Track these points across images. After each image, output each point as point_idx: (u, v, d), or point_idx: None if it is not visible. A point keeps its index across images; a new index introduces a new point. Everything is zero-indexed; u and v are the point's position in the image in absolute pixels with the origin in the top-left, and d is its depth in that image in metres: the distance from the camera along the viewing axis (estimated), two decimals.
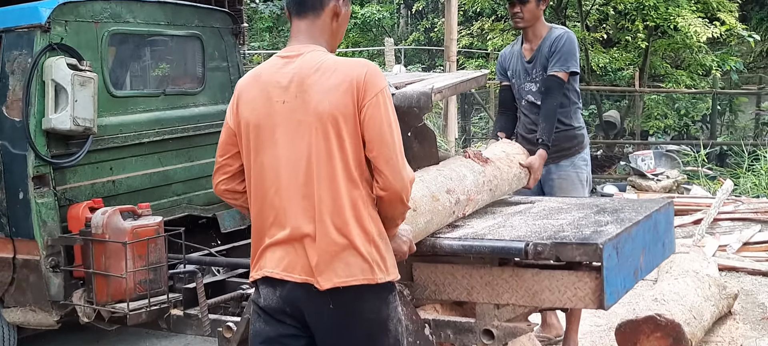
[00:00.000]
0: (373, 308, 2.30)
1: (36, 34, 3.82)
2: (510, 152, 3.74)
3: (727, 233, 6.78)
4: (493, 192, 3.50)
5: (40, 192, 3.82)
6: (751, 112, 13.92)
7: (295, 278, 2.26)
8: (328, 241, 2.24)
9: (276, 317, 2.34)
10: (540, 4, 4.01)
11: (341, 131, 2.24)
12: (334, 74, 2.25)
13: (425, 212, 2.92)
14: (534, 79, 4.05)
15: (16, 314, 4.04)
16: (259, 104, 2.33)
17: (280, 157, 2.29)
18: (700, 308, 4.32)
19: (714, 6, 13.43)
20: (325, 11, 2.37)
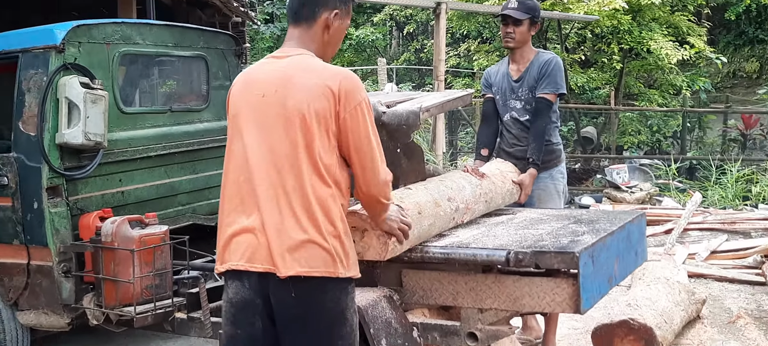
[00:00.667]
0: (333, 297, 2.29)
1: (51, 55, 3.81)
2: (504, 170, 3.86)
3: (696, 242, 6.81)
4: (488, 204, 3.58)
5: (53, 202, 3.80)
6: (719, 129, 14.00)
7: (257, 267, 2.25)
8: (293, 232, 2.23)
9: (245, 313, 2.31)
10: (531, 28, 4.04)
11: (313, 130, 2.25)
12: (315, 76, 2.28)
13: (429, 215, 2.99)
14: (520, 97, 4.07)
15: (29, 317, 4.02)
16: (242, 97, 2.37)
17: (252, 146, 2.30)
18: (670, 312, 4.34)
19: (684, 30, 13.55)
20: (318, 22, 2.40)
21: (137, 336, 4.87)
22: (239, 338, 2.34)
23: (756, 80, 18.18)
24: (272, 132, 2.27)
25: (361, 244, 2.75)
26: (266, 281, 2.26)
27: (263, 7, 22.28)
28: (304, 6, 2.39)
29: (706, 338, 4.52)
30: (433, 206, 3.06)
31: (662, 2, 12.71)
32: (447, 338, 3.02)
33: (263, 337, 2.33)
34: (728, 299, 5.43)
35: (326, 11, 2.39)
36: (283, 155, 2.25)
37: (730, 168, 10.12)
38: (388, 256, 2.77)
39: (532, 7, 4.02)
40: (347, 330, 2.33)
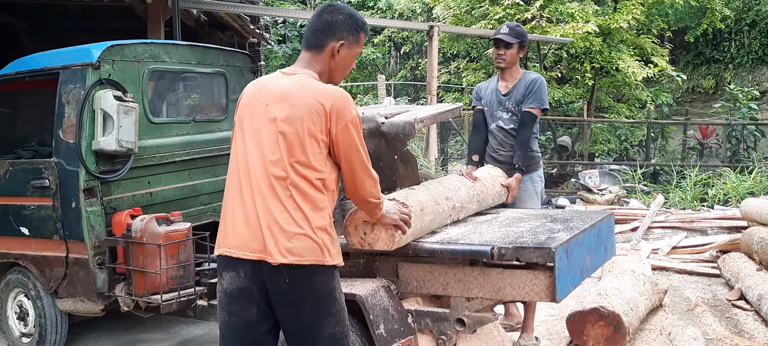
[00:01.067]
0: (322, 280, 2.29)
1: (88, 71, 3.81)
2: (493, 174, 3.90)
3: (658, 239, 6.80)
4: (480, 203, 3.63)
5: (89, 202, 3.80)
6: (679, 139, 14.00)
7: (251, 256, 2.25)
8: (286, 226, 2.23)
9: (240, 301, 2.30)
10: (519, 51, 4.11)
11: (305, 140, 2.27)
12: (309, 94, 2.30)
13: (430, 212, 3.07)
14: (507, 109, 4.12)
15: (67, 304, 4.02)
16: (249, 103, 2.39)
17: (251, 148, 2.32)
18: (636, 301, 4.32)
19: (648, 51, 13.56)
20: (325, 50, 2.42)
21: (163, 321, 4.86)
22: (234, 324, 2.33)
23: (712, 96, 18.18)
24: (269, 138, 2.30)
25: (371, 236, 2.81)
26: (260, 268, 2.26)
27: (277, 29, 22.29)
28: (314, 35, 2.43)
29: (668, 323, 4.51)
30: (434, 204, 3.12)
31: (629, 26, 12.73)
32: (438, 323, 3.02)
33: (257, 322, 2.32)
34: (687, 290, 5.42)
35: (333, 41, 2.42)
36: (277, 159, 2.27)
37: (689, 173, 10.12)
38: (395, 246, 2.79)
39: (521, 33, 4.10)
40: (337, 308, 2.34)
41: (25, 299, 4.22)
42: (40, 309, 4.09)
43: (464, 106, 15.66)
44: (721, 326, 4.53)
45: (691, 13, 15.59)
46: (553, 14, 12.89)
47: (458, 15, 14.56)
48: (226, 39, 10.16)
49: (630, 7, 12.67)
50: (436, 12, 15.67)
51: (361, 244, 2.85)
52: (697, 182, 9.84)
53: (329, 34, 2.41)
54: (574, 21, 12.31)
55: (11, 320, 4.30)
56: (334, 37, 2.41)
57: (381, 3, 20.31)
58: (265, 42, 12.47)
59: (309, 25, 2.46)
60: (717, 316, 4.74)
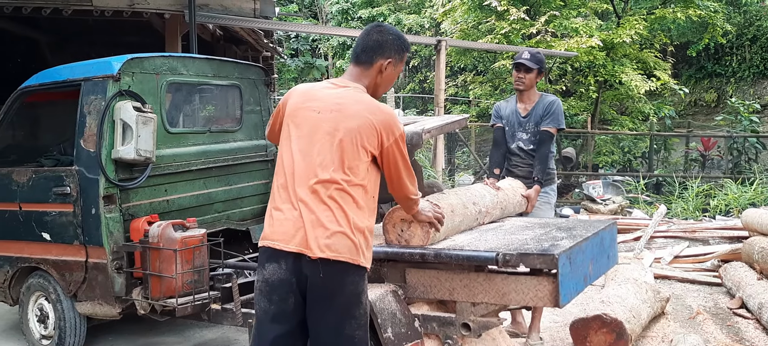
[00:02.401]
0: (353, 281, 2.40)
1: (109, 83, 3.84)
2: (514, 186, 4.05)
3: (661, 248, 6.76)
4: (503, 211, 3.77)
5: (108, 209, 3.82)
6: (682, 151, 13.94)
7: (292, 248, 2.36)
8: (328, 224, 2.36)
9: (279, 291, 2.41)
10: (538, 76, 4.26)
11: (353, 148, 2.42)
12: (363, 108, 2.47)
13: (459, 214, 3.24)
14: (526, 130, 4.29)
15: (86, 307, 4.04)
16: (300, 106, 2.52)
17: (302, 150, 2.44)
18: (638, 309, 4.31)
19: (651, 65, 13.55)
20: (374, 67, 2.59)
21: (178, 325, 4.89)
22: (271, 312, 2.43)
23: (714, 109, 18.11)
24: (321, 143, 2.44)
25: (408, 232, 3.00)
26: (300, 261, 2.37)
27: (289, 43, 22.43)
28: (364, 52, 2.59)
29: (670, 331, 4.48)
30: (463, 207, 3.29)
31: (632, 40, 12.72)
32: (444, 327, 3.03)
33: (293, 312, 2.43)
34: (689, 298, 5.39)
35: (381, 59, 2.58)
36: (328, 164, 2.41)
37: (691, 184, 10.06)
38: (429, 242, 2.96)
39: (541, 60, 4.28)
40: (361, 312, 2.45)
41: (45, 303, 4.25)
42: (60, 312, 4.12)
43: (471, 118, 15.68)
44: (723, 334, 4.50)
45: (693, 28, 15.56)
46: (557, 29, 12.91)
47: (465, 30, 14.62)
48: (241, 52, 10.24)
49: (633, 22, 12.67)
50: (444, 27, 15.73)
51: (398, 240, 3.03)
52: (699, 193, 9.77)
53: (378, 52, 2.57)
54: (578, 36, 12.32)
55: (32, 323, 4.34)
56: (383, 56, 2.57)
57: (390, 19, 20.39)
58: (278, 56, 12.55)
59: (359, 43, 2.61)
60: (718, 324, 4.71)
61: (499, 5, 12.74)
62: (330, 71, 22.69)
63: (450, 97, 18.05)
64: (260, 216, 4.93)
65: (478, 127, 14.92)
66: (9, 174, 4.24)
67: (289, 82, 22.11)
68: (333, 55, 22.74)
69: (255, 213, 4.90)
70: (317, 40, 23.27)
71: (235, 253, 4.41)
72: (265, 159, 4.94)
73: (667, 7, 13.22)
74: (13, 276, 4.35)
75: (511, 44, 12.76)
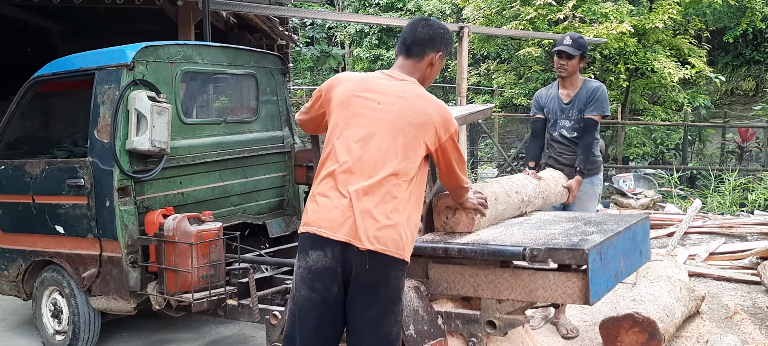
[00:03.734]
0: (397, 275, 2.50)
1: (123, 72, 3.88)
2: (555, 176, 4.15)
3: (696, 244, 6.69)
4: (545, 200, 3.86)
5: (123, 201, 3.86)
6: (718, 142, 13.75)
7: (340, 237, 2.42)
8: (378, 216, 2.43)
9: (323, 279, 2.47)
10: (581, 61, 4.25)
11: (413, 142, 2.52)
12: (427, 104, 2.58)
13: (503, 202, 3.37)
14: (569, 117, 4.30)
15: (101, 302, 4.10)
16: (356, 94, 2.58)
17: (359, 139, 2.51)
18: (672, 307, 4.28)
19: (685, 52, 13.35)
20: (425, 60, 2.70)
21: (193, 320, 4.95)
22: (313, 300, 2.50)
23: (752, 98, 17.82)
24: (381, 134, 2.51)
25: (452, 220, 3.16)
26: (346, 251, 2.43)
27: (305, 31, 22.49)
28: (416, 45, 2.68)
29: (705, 331, 4.44)
30: (505, 195, 3.42)
31: (665, 26, 12.55)
32: (468, 325, 3.02)
33: (335, 301, 2.49)
34: (725, 297, 5.33)
35: (433, 52, 2.69)
36: (388, 155, 2.49)
37: (727, 177, 9.93)
38: (474, 229, 3.12)
39: (582, 45, 4.25)
40: (400, 308, 2.56)
41: (59, 297, 4.33)
42: (74, 307, 4.19)
43: (495, 108, 15.60)
44: (762, 334, 4.44)
45: (730, 12, 15.30)
46: (586, 14, 12.78)
47: (488, 16, 14.53)
48: (255, 41, 10.30)
49: (666, 6, 12.49)
50: (466, 13, 15.66)
51: (444, 227, 3.19)
52: (736, 187, 9.64)
53: (430, 45, 2.68)
54: (607, 21, 12.18)
55: (45, 318, 4.42)
56: (434, 49, 2.69)
57: (410, 5, 20.34)
58: (293, 44, 12.60)
59: (408, 36, 2.70)
60: (757, 324, 4.65)
61: None
62: (346, 60, 22.72)
63: (472, 87, 17.97)
64: (277, 209, 4.98)
65: (502, 117, 14.85)
66: (22, 166, 4.32)
67: (305, 72, 22.19)
68: (350, 43, 22.75)
69: (272, 207, 4.94)
70: (334, 27, 23.29)
71: (251, 247, 4.45)
72: (281, 151, 4.97)
73: None
74: (27, 270, 4.43)
75: (536, 30, 12.67)
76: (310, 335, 2.51)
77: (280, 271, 4.31)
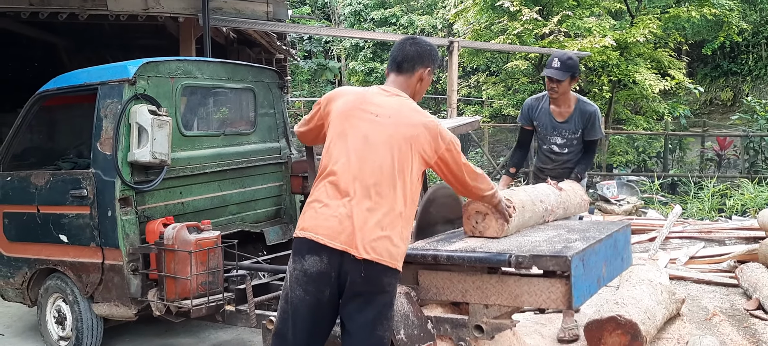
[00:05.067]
0: (390, 283, 2.51)
1: (125, 87, 3.88)
2: (575, 188, 4.08)
3: (676, 249, 6.70)
4: (565, 211, 3.81)
5: (124, 211, 3.85)
6: (697, 150, 13.80)
7: (337, 245, 2.43)
8: (375, 227, 2.45)
9: (317, 283, 2.49)
10: (572, 82, 4.20)
11: (409, 156, 2.52)
12: (422, 118, 2.61)
13: (529, 210, 3.36)
14: (562, 134, 4.33)
15: (103, 308, 4.08)
16: (355, 107, 2.60)
17: (357, 151, 2.51)
18: (653, 310, 4.27)
19: (665, 64, 13.44)
20: (415, 75, 2.73)
21: (193, 326, 4.92)
22: (307, 301, 2.52)
23: (730, 108, 17.90)
24: (378, 146, 2.51)
25: (482, 225, 3.17)
26: (342, 259, 2.45)
27: (302, 45, 22.51)
28: (406, 62, 2.71)
29: (686, 332, 4.44)
30: (532, 203, 3.40)
31: (646, 40, 12.62)
32: (457, 329, 3.02)
33: (327, 303, 2.52)
34: (705, 299, 5.33)
35: (422, 68, 2.72)
36: (381, 166, 2.49)
37: (707, 184, 9.96)
38: (503, 234, 3.13)
39: (571, 66, 4.15)
40: (392, 314, 2.58)
41: (63, 304, 4.30)
42: (77, 314, 4.17)
43: (484, 119, 15.64)
44: (739, 335, 4.44)
45: (708, 26, 15.40)
46: (570, 29, 12.84)
47: (478, 30, 14.59)
48: (254, 55, 10.31)
49: (647, 21, 12.57)
50: (456, 28, 15.71)
51: (473, 231, 3.20)
52: (714, 193, 9.67)
53: (419, 61, 2.71)
54: (591, 35, 12.25)
55: (50, 325, 4.39)
56: (423, 65, 2.72)
57: (403, 20, 20.40)
58: (291, 57, 12.60)
59: (397, 53, 2.73)
60: (735, 325, 4.65)
61: (512, 5, 12.70)
62: (343, 73, 22.74)
63: (463, 98, 18.01)
64: (274, 218, 4.96)
65: (491, 127, 14.88)
66: (27, 177, 4.30)
67: (303, 84, 22.20)
68: (346, 56, 22.77)
69: (269, 215, 4.93)
70: (330, 42, 23.33)
71: (249, 255, 4.43)
72: (278, 161, 4.97)
73: (682, 6, 13.10)
74: (32, 278, 4.40)
75: (523, 45, 12.72)
76: (304, 333, 2.56)
77: (276, 277, 4.28)
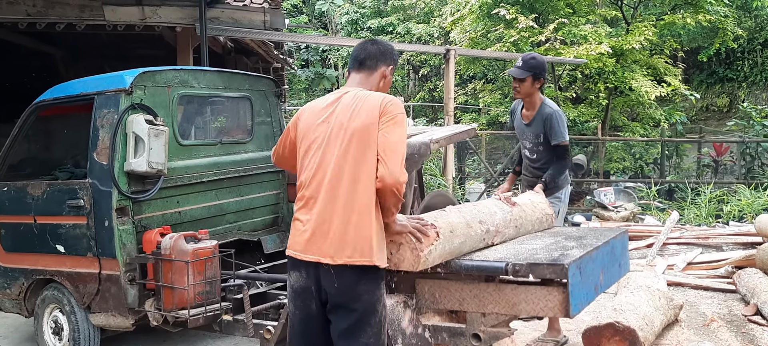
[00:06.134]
0: (368, 288, 2.46)
1: (121, 96, 3.87)
2: (535, 201, 3.74)
3: (674, 255, 6.70)
4: (519, 229, 3.43)
5: (121, 220, 3.84)
6: (694, 157, 13.82)
7: (310, 257, 2.45)
8: (343, 228, 2.43)
9: (302, 297, 2.54)
10: (534, 83, 4.12)
11: (368, 143, 2.46)
12: (371, 99, 2.55)
13: (461, 234, 2.94)
14: (528, 138, 4.27)
15: (100, 318, 4.05)
16: (310, 122, 2.62)
17: (320, 159, 2.52)
18: (651, 316, 4.27)
19: (661, 71, 13.48)
20: (378, 72, 2.73)
21: (190, 336, 4.90)
22: (298, 316, 2.60)
23: (726, 114, 17.95)
24: (332, 148, 2.51)
25: (397, 256, 2.73)
26: (317, 270, 2.47)
27: (300, 54, 22.54)
28: (368, 59, 2.71)
29: (684, 338, 4.43)
30: (465, 226, 2.99)
31: (642, 47, 12.66)
32: (454, 338, 3.01)
33: (316, 316, 2.55)
34: (703, 305, 5.33)
35: (384, 65, 2.73)
36: (339, 166, 2.48)
37: (704, 190, 9.97)
38: (420, 267, 2.71)
39: (533, 65, 4.09)
40: (378, 319, 2.52)
41: (59, 315, 4.27)
42: (74, 324, 4.14)
43: (480, 126, 15.64)
44: (737, 341, 4.44)
45: (704, 33, 15.45)
46: (566, 36, 12.88)
47: (474, 38, 14.62)
48: (252, 64, 10.30)
49: (642, 28, 12.61)
50: (453, 36, 15.75)
51: (388, 263, 2.70)
52: (711, 199, 9.68)
53: (381, 59, 2.72)
54: (587, 43, 12.28)
55: (47, 335, 4.36)
56: (386, 62, 2.73)
57: (399, 28, 20.45)
58: (288, 66, 12.60)
59: (359, 53, 2.73)
60: (733, 331, 4.65)
61: (508, 14, 12.74)
62: (340, 81, 22.76)
63: (460, 106, 18.04)
64: (272, 226, 4.95)
65: (489, 135, 14.89)
66: (24, 187, 4.29)
67: (300, 93, 22.21)
68: (343, 65, 22.81)
69: (266, 223, 4.91)
70: (327, 50, 23.37)
71: (246, 264, 4.41)
72: (275, 170, 4.95)
73: (677, 13, 13.15)
74: (28, 288, 4.38)
75: (519, 52, 12.74)
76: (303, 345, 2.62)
77: (274, 286, 4.26)
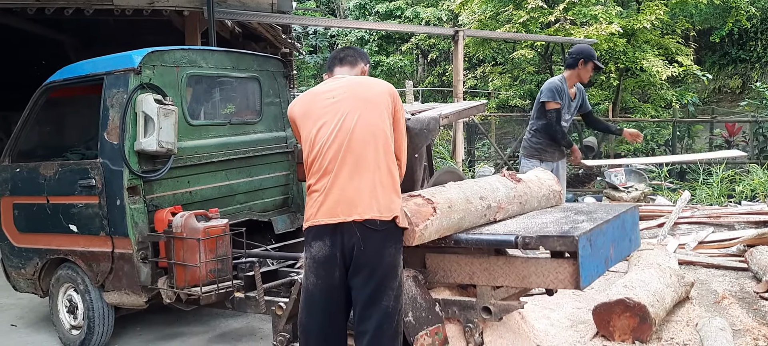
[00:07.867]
0: (391, 252, 2.61)
1: (130, 76, 3.89)
2: (542, 177, 3.64)
3: (685, 234, 6.66)
4: (523, 206, 3.36)
5: (133, 200, 3.87)
6: (706, 137, 13.69)
7: (338, 219, 2.55)
8: (364, 191, 2.56)
9: (325, 266, 2.61)
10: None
11: (382, 111, 2.69)
12: (378, 83, 2.82)
13: (459, 210, 2.93)
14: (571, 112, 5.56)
15: (114, 297, 4.10)
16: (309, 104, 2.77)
17: (332, 129, 2.64)
18: (662, 293, 4.26)
19: (673, 51, 13.33)
20: (358, 67, 2.98)
21: (203, 313, 4.95)
22: (320, 286, 2.65)
23: (739, 95, 17.75)
24: (346, 118, 2.64)
25: None
26: (342, 234, 2.56)
27: (308, 40, 22.51)
28: (349, 56, 2.98)
29: (695, 315, 4.42)
30: (465, 202, 2.96)
31: (653, 26, 12.52)
32: (465, 311, 3.03)
33: (339, 286, 2.64)
34: (714, 283, 5.30)
35: (363, 64, 3.00)
36: (356, 132, 2.63)
37: (715, 170, 9.89)
38: (415, 242, 2.77)
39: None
40: (398, 283, 2.65)
41: (74, 294, 4.33)
42: (89, 303, 4.20)
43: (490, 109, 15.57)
44: (749, 317, 4.42)
45: (716, 12, 15.26)
46: (576, 17, 12.76)
47: (483, 20, 14.52)
48: (260, 49, 10.30)
49: (653, 7, 12.47)
50: (462, 19, 15.65)
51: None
52: (723, 179, 9.61)
53: (359, 58, 2.99)
54: (597, 23, 12.17)
55: (62, 314, 4.42)
56: (363, 61, 3.00)
57: (408, 12, 20.34)
58: (296, 52, 12.60)
59: (338, 55, 3.00)
60: (744, 308, 4.63)
61: None
62: None
63: (469, 89, 17.94)
64: (282, 207, 4.97)
65: (498, 118, 14.83)
66: (36, 168, 4.32)
67: (309, 79, 22.21)
68: None
69: (276, 204, 4.93)
70: (335, 36, 23.31)
71: (257, 243, 4.44)
72: (285, 150, 4.97)
73: None
74: (43, 268, 4.43)
75: (529, 33, 12.65)
76: (320, 315, 2.67)
77: (284, 264, 4.29)
